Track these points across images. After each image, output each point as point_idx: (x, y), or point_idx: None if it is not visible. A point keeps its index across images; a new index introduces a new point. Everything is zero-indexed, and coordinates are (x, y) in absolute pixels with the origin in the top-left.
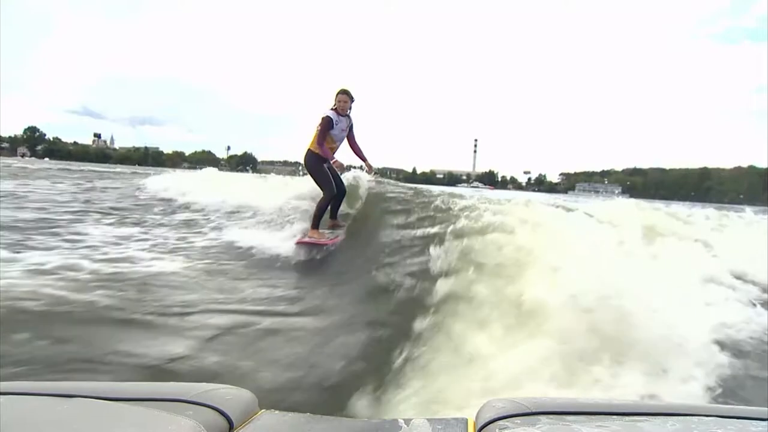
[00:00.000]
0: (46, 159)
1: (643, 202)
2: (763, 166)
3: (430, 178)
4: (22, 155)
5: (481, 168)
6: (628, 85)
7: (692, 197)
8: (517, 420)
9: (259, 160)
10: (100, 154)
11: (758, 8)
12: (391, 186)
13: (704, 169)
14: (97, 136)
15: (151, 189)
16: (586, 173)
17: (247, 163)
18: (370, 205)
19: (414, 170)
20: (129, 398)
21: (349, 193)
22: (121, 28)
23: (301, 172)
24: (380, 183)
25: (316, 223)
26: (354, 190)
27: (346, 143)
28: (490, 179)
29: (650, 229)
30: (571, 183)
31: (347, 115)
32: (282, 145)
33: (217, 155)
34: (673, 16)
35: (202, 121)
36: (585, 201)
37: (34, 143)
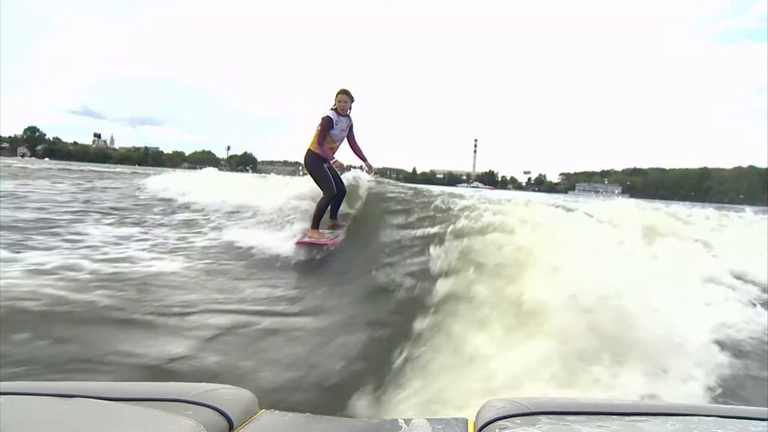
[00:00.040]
0: (46, 159)
1: (643, 202)
2: (763, 166)
3: (430, 178)
4: (22, 155)
5: (481, 168)
6: (628, 85)
7: (692, 197)
8: (517, 420)
9: (259, 160)
10: (100, 154)
11: (758, 8)
12: (391, 186)
13: (704, 169)
14: (97, 136)
15: (151, 189)
16: (586, 173)
17: (247, 163)
18: (370, 205)
19: (414, 170)
20: (129, 398)
21: (349, 193)
22: (121, 28)
23: (301, 172)
24: (380, 183)
25: (316, 223)
26: (354, 190)
27: (346, 143)
28: (490, 179)
29: (650, 229)
30: (571, 183)
31: (347, 115)
32: (282, 145)
33: (217, 155)
34: (673, 16)
35: (202, 121)
36: (585, 201)
37: (34, 143)
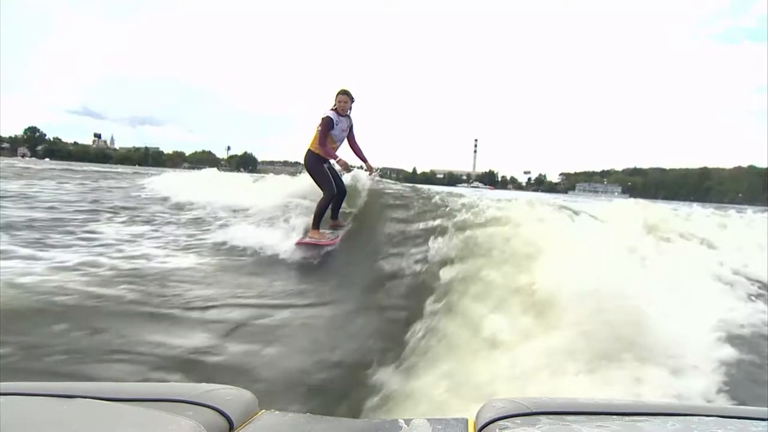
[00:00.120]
0: (47, 159)
1: (644, 201)
2: (763, 166)
3: (430, 178)
4: (23, 155)
5: (481, 168)
6: (628, 85)
7: (692, 197)
8: (518, 420)
9: (260, 160)
10: (101, 154)
11: (758, 8)
12: (391, 186)
13: (704, 169)
14: (98, 136)
15: (155, 188)
16: (586, 173)
17: (247, 163)
18: (371, 205)
19: (414, 170)
20: (129, 399)
21: (349, 193)
22: (121, 28)
23: (300, 173)
24: (380, 183)
25: (317, 224)
26: (354, 190)
27: (346, 144)
28: (490, 179)
29: (652, 229)
30: (571, 183)
31: (347, 116)
32: (282, 145)
33: (218, 155)
34: (673, 16)
35: (202, 121)
36: (585, 201)
37: (35, 143)
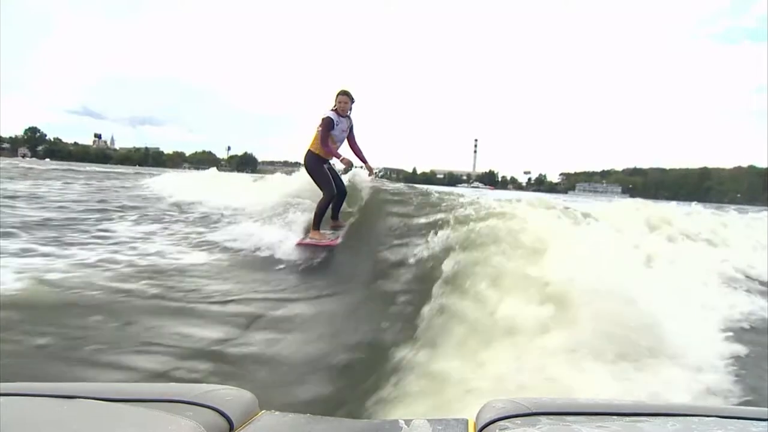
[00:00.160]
0: (47, 159)
1: (646, 201)
2: (763, 166)
3: (430, 179)
4: (23, 156)
5: (482, 168)
6: (628, 85)
7: (692, 197)
8: (518, 420)
9: (260, 160)
10: (101, 154)
11: (758, 8)
12: (391, 186)
13: (704, 169)
14: (98, 136)
15: (158, 188)
16: (586, 173)
17: (247, 163)
18: (371, 205)
19: (414, 170)
20: (129, 399)
21: (349, 194)
22: (121, 28)
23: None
24: (380, 183)
25: (317, 224)
26: (354, 190)
27: (347, 144)
28: (490, 179)
29: (654, 228)
30: (571, 183)
31: (347, 116)
32: (282, 145)
33: (218, 155)
34: (674, 16)
35: (202, 121)
36: (585, 201)
37: (35, 144)
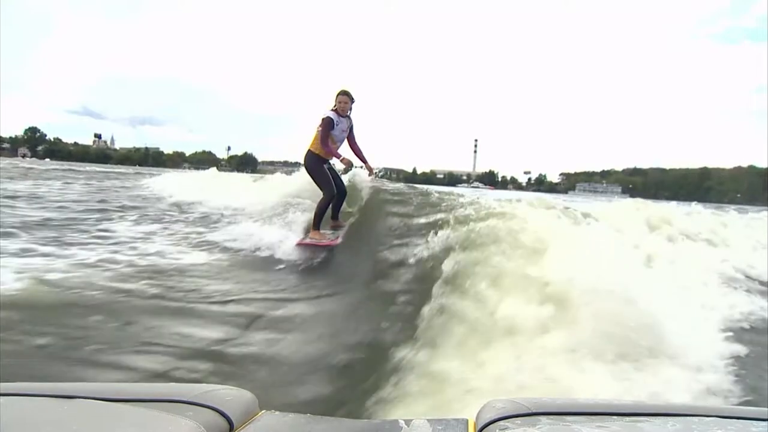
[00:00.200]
0: (47, 159)
1: (646, 201)
2: (763, 166)
3: (430, 179)
4: (23, 156)
5: (482, 168)
6: (628, 85)
7: (692, 197)
8: (518, 420)
9: (260, 160)
10: (101, 154)
11: (758, 8)
12: (391, 186)
13: (704, 169)
14: (98, 136)
15: (158, 188)
16: (586, 173)
17: (247, 163)
18: (371, 205)
19: (414, 170)
20: (129, 399)
21: (349, 194)
22: (121, 28)
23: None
24: (380, 183)
25: (317, 224)
26: (354, 190)
27: (347, 144)
28: (490, 179)
29: (654, 228)
30: (571, 183)
31: (347, 116)
32: (282, 145)
33: (218, 155)
34: (674, 16)
35: (202, 121)
36: (585, 201)
37: (35, 143)
